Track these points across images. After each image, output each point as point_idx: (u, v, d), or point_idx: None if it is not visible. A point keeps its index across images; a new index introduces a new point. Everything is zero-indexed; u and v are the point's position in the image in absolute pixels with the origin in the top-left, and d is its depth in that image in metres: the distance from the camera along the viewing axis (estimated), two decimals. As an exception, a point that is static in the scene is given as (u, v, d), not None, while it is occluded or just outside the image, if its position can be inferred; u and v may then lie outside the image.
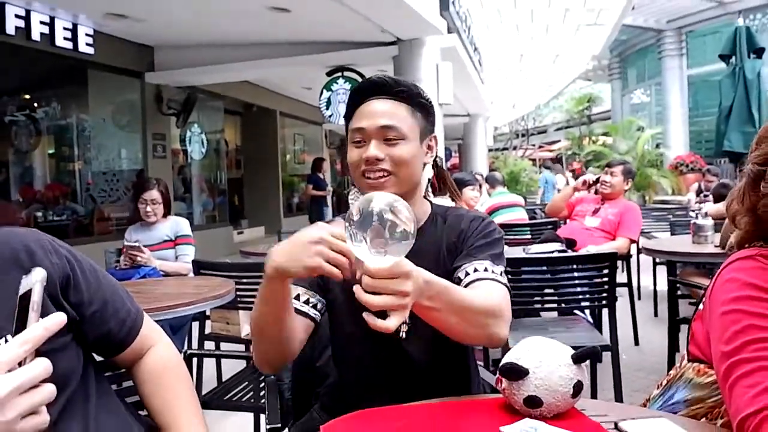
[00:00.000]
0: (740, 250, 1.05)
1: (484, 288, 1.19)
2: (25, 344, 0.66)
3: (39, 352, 0.93)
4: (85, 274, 1.06)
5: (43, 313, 0.95)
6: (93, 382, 1.07)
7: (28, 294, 0.69)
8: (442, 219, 1.37)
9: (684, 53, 16.05)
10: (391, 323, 0.91)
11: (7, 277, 0.73)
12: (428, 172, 1.42)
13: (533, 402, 0.99)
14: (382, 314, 0.92)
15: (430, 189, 1.45)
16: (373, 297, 0.90)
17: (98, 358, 1.16)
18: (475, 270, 1.23)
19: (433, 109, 1.36)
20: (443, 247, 1.32)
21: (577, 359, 1.02)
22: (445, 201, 1.50)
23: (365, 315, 0.93)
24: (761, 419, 0.82)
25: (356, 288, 0.91)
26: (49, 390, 0.67)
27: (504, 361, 1.04)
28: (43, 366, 0.66)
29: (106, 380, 1.15)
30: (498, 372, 1.03)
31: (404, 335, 1.28)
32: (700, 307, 1.13)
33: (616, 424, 0.97)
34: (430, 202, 1.43)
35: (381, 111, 1.27)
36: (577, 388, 1.01)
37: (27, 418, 0.66)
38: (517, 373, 1.00)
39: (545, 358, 1.01)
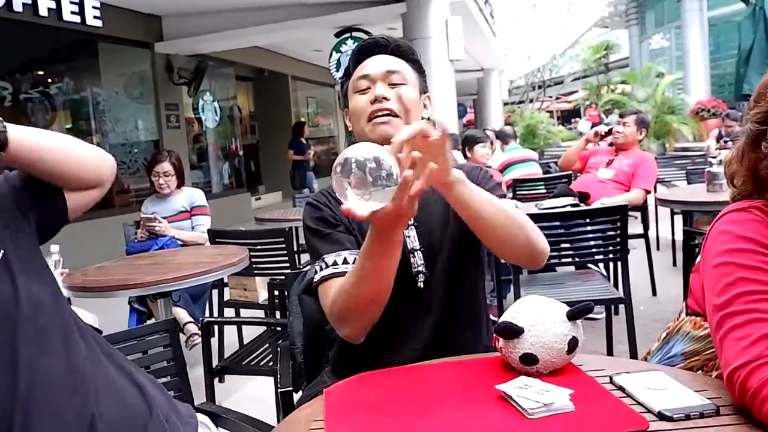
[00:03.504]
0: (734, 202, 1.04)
1: None
2: None
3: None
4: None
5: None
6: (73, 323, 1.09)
7: None
8: None
9: (704, -7, 15.51)
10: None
11: None
12: None
13: (529, 359, 1.01)
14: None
15: None
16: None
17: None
18: None
19: (424, 70, 1.43)
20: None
21: (572, 316, 1.03)
22: None
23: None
24: (750, 371, 0.83)
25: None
26: None
27: (500, 320, 1.06)
28: None
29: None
30: (494, 331, 1.05)
31: (422, 284, 1.32)
32: (698, 259, 1.13)
33: (611, 378, 0.99)
34: None
35: (384, 60, 1.36)
36: (572, 344, 1.02)
37: None
38: (512, 331, 1.02)
39: (540, 316, 1.02)
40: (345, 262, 1.25)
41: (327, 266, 1.26)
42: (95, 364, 1.09)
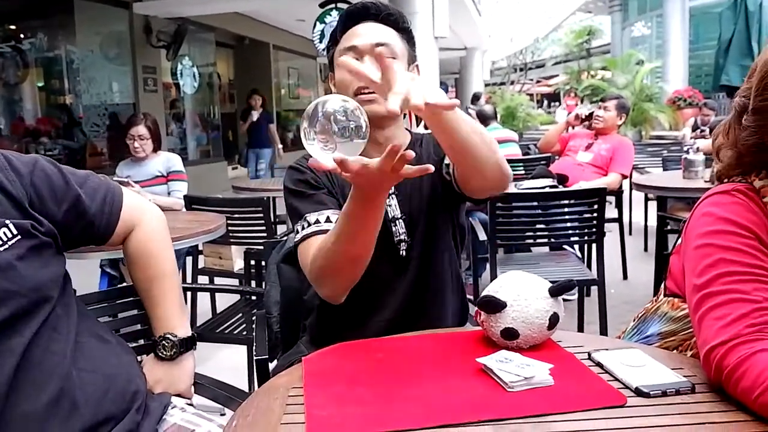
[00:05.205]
0: (719, 182, 1.05)
1: None
2: None
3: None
4: (50, 179, 1.10)
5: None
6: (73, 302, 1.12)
7: None
8: (419, 142, 1.42)
9: (686, -18, 15.55)
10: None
11: None
12: None
13: (510, 334, 1.02)
14: None
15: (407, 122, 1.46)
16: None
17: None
18: None
19: (414, 38, 1.39)
20: (424, 162, 1.35)
21: (554, 292, 1.04)
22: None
23: None
24: (727, 350, 0.84)
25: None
26: None
27: (483, 294, 1.06)
28: None
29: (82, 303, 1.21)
30: (476, 305, 1.05)
31: (404, 252, 1.32)
32: (679, 241, 1.14)
33: (589, 354, 1.00)
34: (409, 131, 1.46)
35: (373, 31, 1.31)
36: (553, 320, 1.03)
37: None
38: (494, 305, 1.02)
39: (522, 292, 1.03)
40: (328, 220, 1.23)
41: (309, 224, 1.24)
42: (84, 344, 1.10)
